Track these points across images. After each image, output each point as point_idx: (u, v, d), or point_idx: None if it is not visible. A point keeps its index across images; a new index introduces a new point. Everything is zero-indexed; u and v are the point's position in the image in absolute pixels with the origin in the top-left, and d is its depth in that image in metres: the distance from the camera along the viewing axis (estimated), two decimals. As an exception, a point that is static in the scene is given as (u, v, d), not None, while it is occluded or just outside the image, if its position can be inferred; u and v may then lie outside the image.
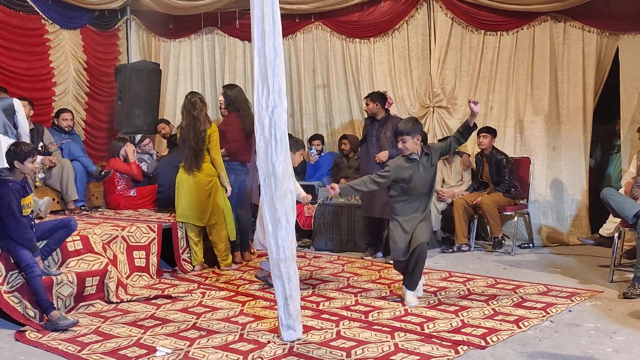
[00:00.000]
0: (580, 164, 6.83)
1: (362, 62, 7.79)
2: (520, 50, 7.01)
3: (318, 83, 8.12)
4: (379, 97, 6.28)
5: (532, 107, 6.99)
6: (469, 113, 7.18)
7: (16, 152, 4.42)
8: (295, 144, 5.08)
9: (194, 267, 5.87)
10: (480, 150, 6.78)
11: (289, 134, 5.01)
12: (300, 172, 7.52)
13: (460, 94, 7.31)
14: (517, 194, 6.60)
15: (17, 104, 5.79)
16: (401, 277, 4.87)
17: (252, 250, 6.35)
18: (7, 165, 4.50)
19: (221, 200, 5.81)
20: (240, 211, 6.13)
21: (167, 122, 7.95)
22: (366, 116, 6.49)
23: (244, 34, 8.23)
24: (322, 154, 7.78)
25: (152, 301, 4.86)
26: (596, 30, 6.68)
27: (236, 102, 6.07)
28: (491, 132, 6.66)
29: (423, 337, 3.91)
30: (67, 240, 4.79)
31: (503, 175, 6.53)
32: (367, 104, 6.29)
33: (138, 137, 7.58)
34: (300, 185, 4.90)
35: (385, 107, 6.31)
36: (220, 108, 6.35)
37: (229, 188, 5.81)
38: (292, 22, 7.97)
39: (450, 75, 7.36)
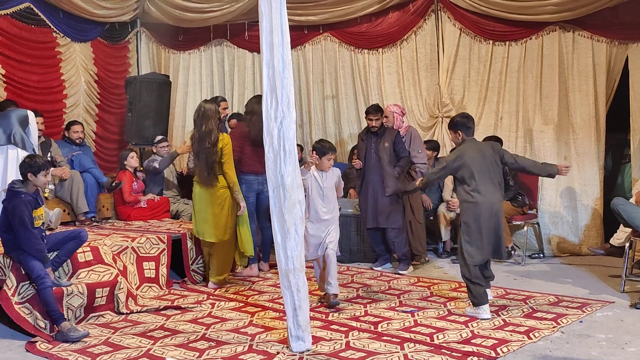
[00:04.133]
0: (594, 173, 6.81)
1: (371, 73, 7.81)
2: (529, 60, 7.02)
3: (327, 94, 8.15)
4: (381, 110, 6.32)
5: (541, 116, 6.99)
6: (477, 124, 7.24)
7: (30, 165, 4.46)
8: (321, 148, 4.99)
9: (209, 282, 5.72)
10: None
11: (322, 139, 5.09)
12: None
13: (469, 104, 7.32)
14: (523, 201, 6.58)
15: (31, 116, 5.87)
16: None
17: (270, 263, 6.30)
18: (20, 178, 4.55)
19: (234, 213, 5.67)
20: (264, 222, 6.07)
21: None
22: (360, 131, 6.51)
23: (253, 46, 8.28)
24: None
25: (162, 312, 4.87)
26: (605, 39, 6.68)
27: (247, 110, 6.00)
28: (495, 141, 6.62)
29: (433, 348, 3.90)
30: (77, 251, 4.82)
31: (507, 182, 6.46)
32: (377, 120, 6.16)
33: (158, 137, 7.59)
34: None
35: (400, 118, 6.44)
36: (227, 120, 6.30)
37: (243, 204, 5.65)
38: (300, 34, 8.02)
39: (458, 86, 7.37)
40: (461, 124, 4.86)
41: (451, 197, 6.96)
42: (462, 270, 4.65)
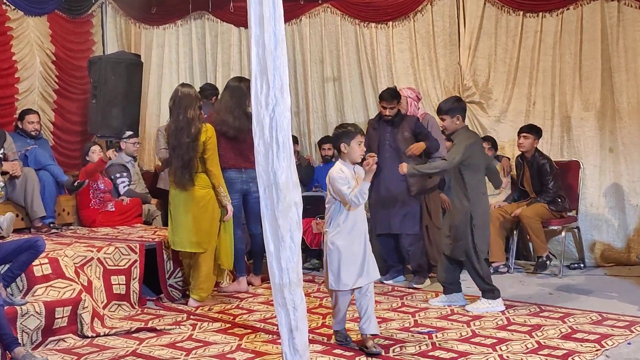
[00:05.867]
0: (645, 167, 6.85)
1: (379, 51, 7.82)
2: (566, 35, 7.03)
3: (327, 76, 8.16)
4: (399, 95, 6.31)
5: (581, 101, 7.00)
6: (505, 110, 7.24)
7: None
8: (346, 132, 4.51)
9: (189, 299, 5.72)
10: (520, 153, 6.78)
11: (344, 124, 4.76)
12: (304, 179, 7.49)
13: (496, 87, 7.33)
14: (563, 206, 6.60)
15: None
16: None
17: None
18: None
19: (218, 217, 5.67)
20: (254, 228, 6.11)
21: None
22: (370, 118, 6.52)
23: (240, 19, 8.28)
24: (334, 160, 7.76)
25: (134, 335, 4.87)
26: (657, 8, 6.69)
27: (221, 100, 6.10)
28: (534, 131, 6.66)
29: (454, 375, 3.91)
30: (33, 263, 4.81)
31: (546, 184, 6.53)
32: (392, 108, 6.18)
33: (127, 132, 7.61)
34: (305, 196, 4.80)
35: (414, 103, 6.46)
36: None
37: (230, 208, 5.64)
38: (296, 5, 8.03)
39: (483, 65, 7.39)
40: (461, 108, 5.41)
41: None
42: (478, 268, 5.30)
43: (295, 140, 7.65)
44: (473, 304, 5.32)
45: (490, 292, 5.28)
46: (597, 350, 4.26)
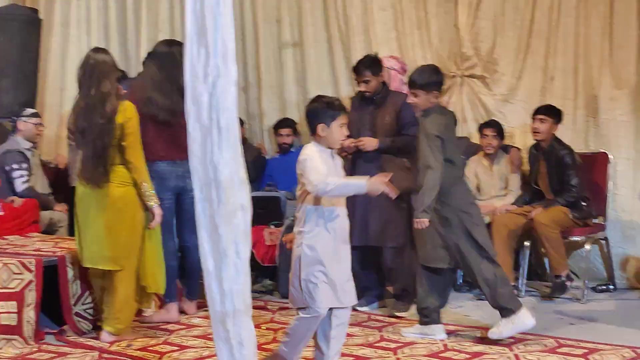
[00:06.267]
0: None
1: (353, 9, 7.88)
2: (593, -8, 7.10)
3: (285, 40, 8.21)
4: (378, 65, 6.31)
5: (611, 76, 7.09)
6: (515, 87, 7.25)
7: None
8: (328, 110, 4.40)
9: (102, 331, 5.66)
10: (535, 142, 6.83)
11: (322, 97, 4.64)
12: (254, 175, 7.43)
13: (503, 57, 7.42)
14: (588, 211, 6.66)
15: None
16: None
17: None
18: None
19: (141, 223, 5.62)
20: (189, 239, 6.04)
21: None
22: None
23: (171, -35, 8.27)
24: (293, 149, 7.82)
25: (27, 380, 4.80)
26: None
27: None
28: (552, 114, 6.70)
29: None
30: None
31: (567, 181, 6.57)
32: (366, 82, 6.23)
33: (29, 110, 7.55)
34: (255, 197, 4.65)
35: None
36: None
37: (158, 212, 5.58)
38: (244, -54, 8.05)
39: (487, 28, 7.47)
40: (439, 82, 5.49)
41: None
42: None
43: (242, 123, 7.61)
44: (494, 329, 5.29)
45: (508, 307, 5.26)
46: (631, 398, 4.31)
